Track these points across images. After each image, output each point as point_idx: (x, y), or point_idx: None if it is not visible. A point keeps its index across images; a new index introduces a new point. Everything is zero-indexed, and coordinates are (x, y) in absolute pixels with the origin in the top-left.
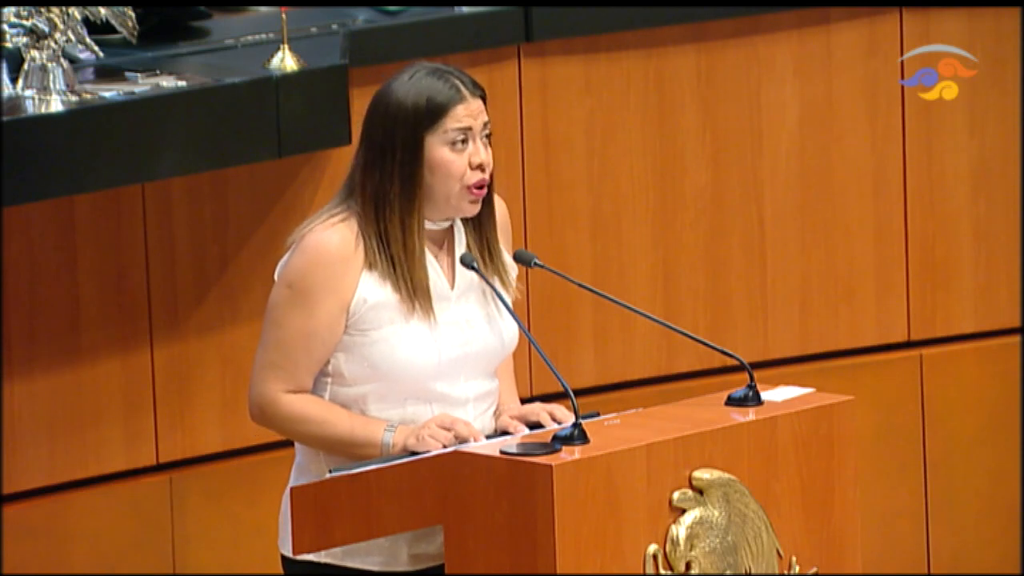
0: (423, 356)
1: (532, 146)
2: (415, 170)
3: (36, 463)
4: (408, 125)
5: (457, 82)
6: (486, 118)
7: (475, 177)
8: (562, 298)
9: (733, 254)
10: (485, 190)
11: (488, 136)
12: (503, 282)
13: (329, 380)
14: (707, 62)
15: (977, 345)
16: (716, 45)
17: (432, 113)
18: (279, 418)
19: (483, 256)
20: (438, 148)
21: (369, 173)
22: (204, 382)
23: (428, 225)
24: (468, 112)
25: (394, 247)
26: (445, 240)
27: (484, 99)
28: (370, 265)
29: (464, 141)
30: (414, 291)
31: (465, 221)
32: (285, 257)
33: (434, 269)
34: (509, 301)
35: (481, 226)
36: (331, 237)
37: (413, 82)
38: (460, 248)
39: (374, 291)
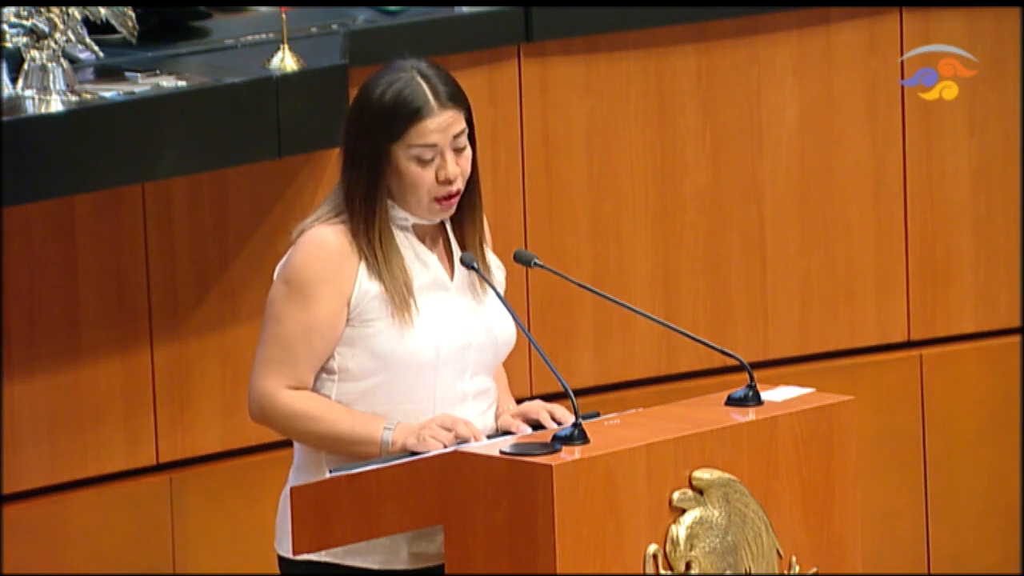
0: (426, 345)
1: (532, 146)
2: (377, 179)
3: (36, 463)
4: (374, 134)
5: (429, 93)
6: (458, 128)
7: (442, 191)
8: (562, 298)
9: (733, 254)
10: (455, 199)
11: (471, 139)
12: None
13: (336, 377)
14: (707, 62)
15: (977, 345)
16: (716, 45)
17: (398, 126)
18: (279, 415)
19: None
20: (404, 162)
21: (343, 174)
22: (204, 382)
23: (417, 220)
24: (436, 127)
25: (373, 244)
26: (440, 234)
27: (462, 106)
28: (365, 257)
29: (432, 157)
30: (400, 285)
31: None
32: (284, 258)
33: (431, 260)
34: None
35: (463, 232)
36: (327, 232)
37: (385, 88)
38: (453, 239)
39: (373, 282)
